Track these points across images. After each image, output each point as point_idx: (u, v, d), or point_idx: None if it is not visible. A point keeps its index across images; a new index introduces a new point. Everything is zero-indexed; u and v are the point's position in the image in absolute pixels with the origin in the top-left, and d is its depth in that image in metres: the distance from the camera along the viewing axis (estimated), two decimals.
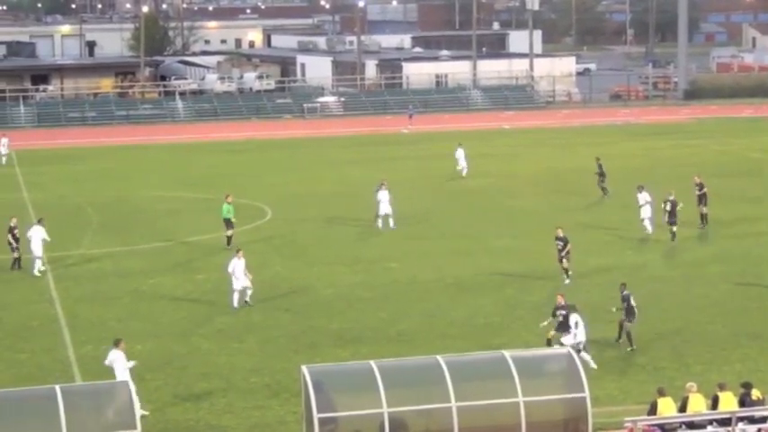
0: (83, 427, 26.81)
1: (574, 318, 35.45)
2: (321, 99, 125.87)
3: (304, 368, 28.48)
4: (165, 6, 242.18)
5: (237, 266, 43.64)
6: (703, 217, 56.78)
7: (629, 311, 38.02)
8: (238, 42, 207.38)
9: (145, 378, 34.90)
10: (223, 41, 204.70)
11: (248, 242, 55.31)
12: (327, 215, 62.65)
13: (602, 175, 66.08)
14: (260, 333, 41.03)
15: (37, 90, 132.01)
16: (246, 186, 71.23)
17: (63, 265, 52.10)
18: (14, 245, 51.11)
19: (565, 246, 46.54)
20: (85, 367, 37.00)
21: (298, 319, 42.72)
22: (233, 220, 54.92)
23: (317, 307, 44.26)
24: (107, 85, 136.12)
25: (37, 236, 50.77)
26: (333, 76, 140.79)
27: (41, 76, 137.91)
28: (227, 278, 44.31)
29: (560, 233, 46.74)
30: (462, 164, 75.29)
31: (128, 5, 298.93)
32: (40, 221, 52.44)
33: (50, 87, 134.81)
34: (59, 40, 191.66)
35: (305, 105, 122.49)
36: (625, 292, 38.33)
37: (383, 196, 57.15)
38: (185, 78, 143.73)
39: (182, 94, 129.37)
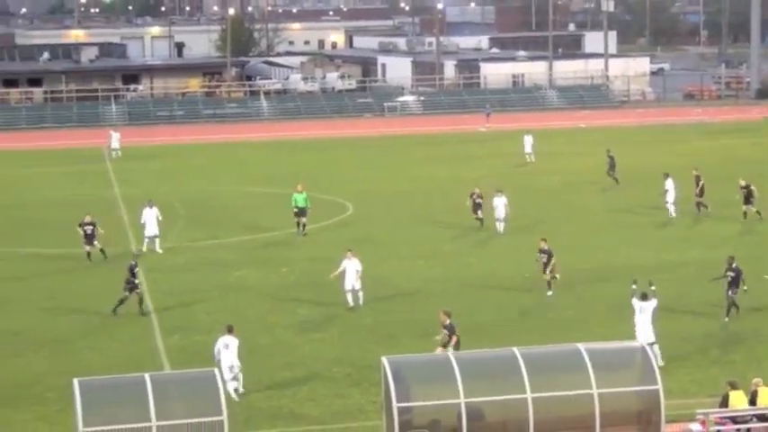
0: (171, 412, 26.98)
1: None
2: (401, 98, 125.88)
3: (384, 359, 28.49)
4: (250, 9, 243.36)
5: (348, 266, 43.06)
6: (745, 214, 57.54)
7: (735, 282, 39.46)
8: (321, 43, 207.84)
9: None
10: (306, 43, 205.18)
11: (330, 236, 55.57)
12: (407, 211, 62.69)
13: (612, 167, 68.34)
14: (341, 324, 41.14)
15: (128, 89, 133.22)
16: (328, 183, 71.45)
17: (152, 258, 52.50)
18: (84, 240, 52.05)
19: (550, 258, 44.49)
20: (173, 356, 37.30)
21: (377, 311, 42.79)
22: (308, 207, 56.19)
23: (396, 299, 44.29)
24: (195, 84, 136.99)
25: (151, 217, 52.84)
26: (412, 76, 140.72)
27: (132, 76, 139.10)
28: (309, 270, 44.32)
29: (544, 246, 44.70)
30: (529, 150, 77.23)
31: (215, 8, 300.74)
32: (150, 203, 54.03)
33: (141, 87, 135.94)
34: (149, 42, 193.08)
35: (385, 104, 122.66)
36: (734, 265, 39.54)
37: (499, 202, 56.15)
38: (270, 78, 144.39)
39: (266, 93, 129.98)
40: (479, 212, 57.14)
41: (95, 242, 52.20)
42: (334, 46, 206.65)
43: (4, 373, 36.53)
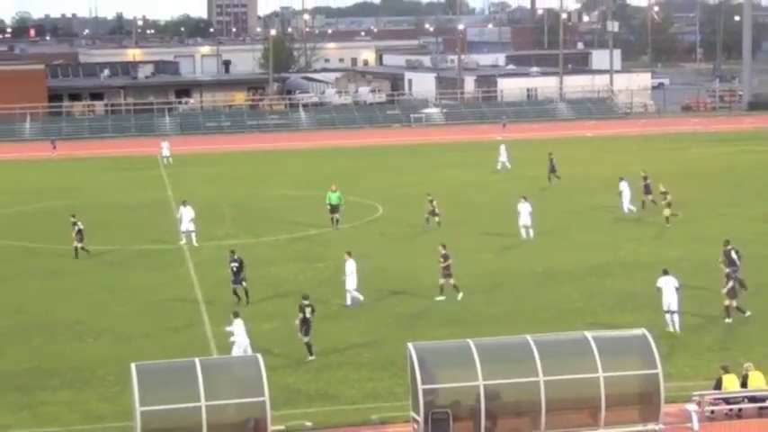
0: (218, 394, 27.03)
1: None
2: (426, 110, 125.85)
3: (410, 345, 28.52)
4: (290, 30, 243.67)
5: (352, 267, 42.78)
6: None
7: (732, 263, 40.17)
8: (354, 61, 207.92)
9: (272, 352, 35.13)
10: (341, 60, 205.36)
11: (362, 235, 55.61)
12: (453, 213, 62.61)
13: (553, 170, 71.24)
14: (372, 314, 41.12)
15: (180, 103, 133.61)
16: (360, 186, 71.45)
17: (201, 254, 52.62)
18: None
19: (446, 261, 43.32)
20: (221, 343, 37.32)
21: (404, 303, 42.76)
22: (341, 205, 57.65)
23: (421, 292, 44.23)
24: (240, 98, 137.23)
25: (187, 215, 54.10)
26: (436, 90, 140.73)
27: (184, 91, 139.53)
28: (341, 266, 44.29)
29: (442, 250, 43.53)
30: (503, 159, 79.84)
31: (258, 29, 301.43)
32: (185, 203, 54.92)
33: (191, 100, 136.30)
34: (199, 60, 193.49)
35: (412, 116, 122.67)
36: (728, 248, 40.92)
37: (523, 208, 55.78)
38: (308, 92, 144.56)
39: (305, 106, 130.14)
40: (431, 215, 57.82)
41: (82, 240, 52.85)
42: (365, 63, 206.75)
43: (69, 357, 36.67)
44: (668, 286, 37.84)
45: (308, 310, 35.90)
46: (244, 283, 43.12)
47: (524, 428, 28.05)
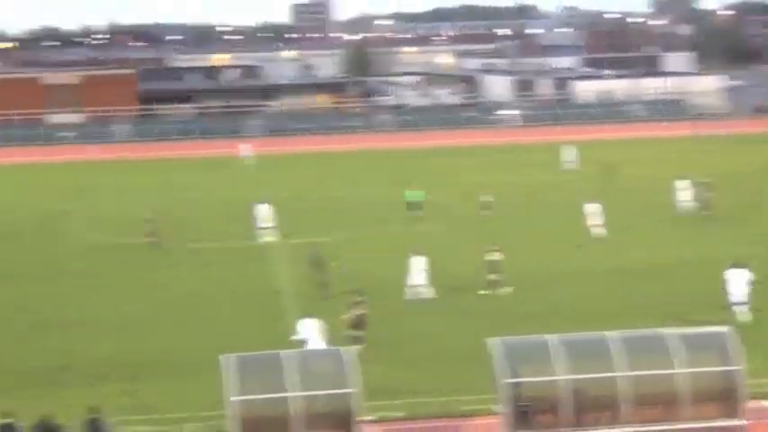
0: (308, 385, 27.13)
1: None
2: (502, 112, 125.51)
3: (494, 340, 28.47)
4: (370, 35, 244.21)
5: (419, 263, 43.10)
6: None
7: None
8: (432, 64, 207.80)
9: (373, 344, 35.18)
10: (419, 64, 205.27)
11: (439, 233, 55.55)
12: (511, 210, 62.46)
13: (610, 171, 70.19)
14: (461, 308, 41.11)
15: (265, 105, 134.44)
16: (438, 185, 71.30)
17: (285, 250, 52.92)
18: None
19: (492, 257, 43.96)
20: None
21: (492, 298, 42.66)
22: (420, 202, 58.48)
23: (516, 288, 44.09)
24: (323, 101, 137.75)
25: (264, 213, 55.29)
26: (512, 93, 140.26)
27: (269, 94, 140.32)
28: (432, 259, 44.25)
29: (492, 247, 44.35)
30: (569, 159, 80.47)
31: (339, 35, 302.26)
32: (262, 201, 56.38)
33: (276, 103, 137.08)
34: (283, 64, 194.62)
35: (488, 117, 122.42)
36: None
37: (592, 209, 55.52)
38: (388, 95, 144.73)
39: (385, 108, 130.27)
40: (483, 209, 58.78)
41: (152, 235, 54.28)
42: (443, 66, 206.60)
43: (166, 347, 37.10)
44: (737, 278, 37.26)
45: (362, 305, 36.21)
46: (323, 277, 43.48)
47: (606, 422, 27.87)
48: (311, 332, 34.20)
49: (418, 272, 42.92)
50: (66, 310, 42.95)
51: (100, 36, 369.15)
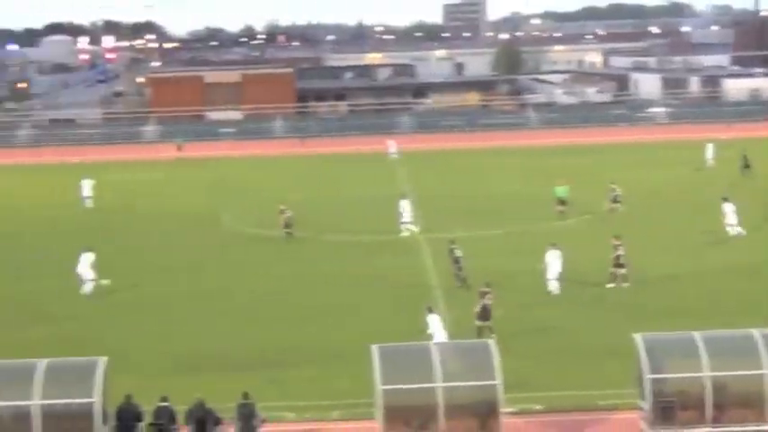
0: (452, 376, 27.06)
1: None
2: (650, 110, 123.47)
3: (637, 335, 28.00)
4: (519, 34, 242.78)
5: (553, 258, 42.87)
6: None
7: None
8: (581, 63, 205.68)
9: (503, 337, 34.83)
10: (568, 62, 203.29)
11: (588, 229, 54.90)
12: (660, 208, 61.41)
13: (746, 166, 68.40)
14: (602, 305, 40.62)
15: (416, 103, 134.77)
16: (586, 183, 70.42)
17: (435, 244, 52.92)
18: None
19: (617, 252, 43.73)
20: (455, 328, 37.45)
21: (635, 294, 42.00)
22: (566, 198, 58.34)
23: (649, 284, 43.44)
24: (473, 98, 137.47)
25: (406, 208, 55.14)
26: (661, 91, 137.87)
27: (420, 92, 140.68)
28: (570, 257, 43.84)
29: (615, 242, 44.18)
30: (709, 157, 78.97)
31: (490, 34, 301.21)
32: (404, 196, 56.34)
33: (427, 101, 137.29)
34: (434, 62, 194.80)
35: (637, 115, 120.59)
36: None
37: (727, 208, 54.37)
38: (536, 93, 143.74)
39: (533, 106, 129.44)
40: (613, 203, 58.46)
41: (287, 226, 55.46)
42: (592, 65, 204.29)
43: (315, 337, 37.43)
44: None
45: (488, 296, 36.26)
46: (462, 272, 43.76)
47: (751, 419, 27.16)
48: (437, 326, 34.18)
49: (552, 265, 42.74)
50: (215, 302, 43.62)
51: (260, 36, 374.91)
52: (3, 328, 40.19)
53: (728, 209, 53.18)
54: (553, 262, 42.74)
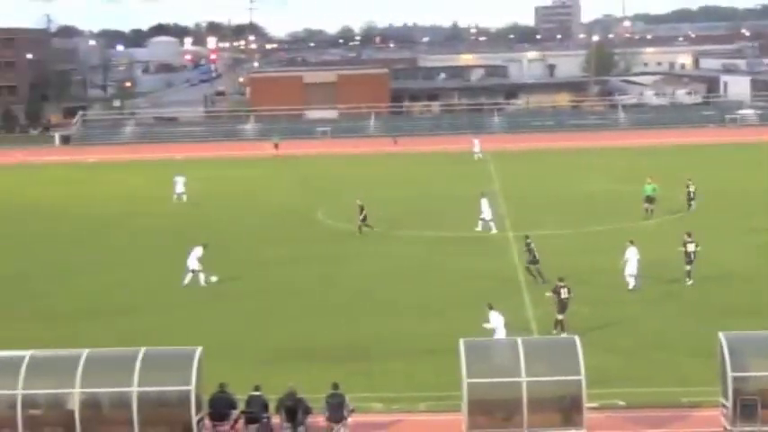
0: (536, 371, 26.92)
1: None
2: (740, 111, 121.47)
3: (721, 334, 27.61)
4: (611, 36, 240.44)
5: (632, 254, 42.54)
6: None
7: None
8: (671, 64, 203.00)
9: (587, 334, 34.55)
10: (659, 64, 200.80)
11: (675, 229, 54.20)
12: (747, 208, 60.55)
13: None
14: (685, 303, 40.10)
15: (508, 104, 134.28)
16: (674, 182, 69.47)
17: (501, 239, 52.70)
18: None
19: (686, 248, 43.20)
20: (540, 324, 37.31)
21: (719, 293, 41.43)
22: (654, 196, 58.24)
23: (729, 281, 42.95)
24: (563, 99, 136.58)
25: (485, 206, 55.26)
26: (751, 92, 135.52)
27: (512, 93, 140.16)
28: (654, 255, 43.30)
29: (687, 238, 43.67)
30: None
31: (582, 35, 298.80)
32: (483, 194, 56.28)
33: (519, 101, 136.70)
34: (526, 64, 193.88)
35: (726, 116, 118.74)
36: None
37: None
38: (627, 94, 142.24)
39: (624, 106, 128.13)
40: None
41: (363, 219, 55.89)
42: (682, 67, 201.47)
43: (402, 331, 37.48)
44: None
45: (563, 290, 36.37)
46: (538, 265, 43.96)
47: None
48: (498, 322, 34.03)
49: (631, 262, 42.50)
50: (307, 296, 43.91)
51: (357, 38, 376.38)
52: (105, 315, 40.93)
53: None
54: (632, 258, 42.49)
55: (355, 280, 46.19)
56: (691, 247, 43.46)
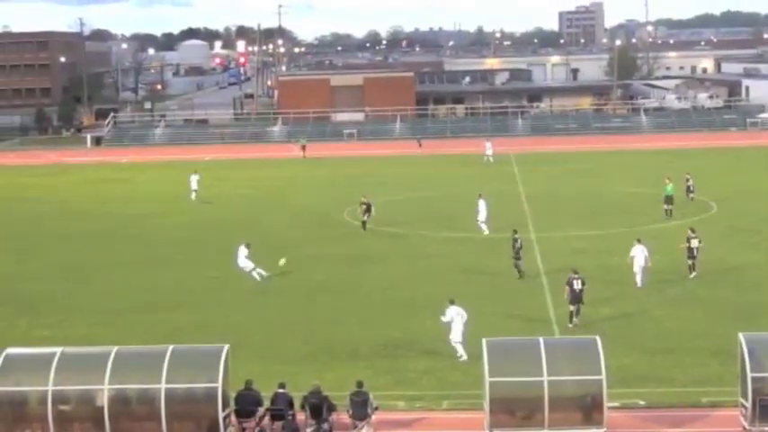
0: (558, 370, 26.81)
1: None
2: (762, 115, 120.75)
3: (741, 335, 27.44)
4: (634, 40, 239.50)
5: (638, 252, 42.73)
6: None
7: None
8: (693, 69, 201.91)
9: (609, 335, 34.28)
10: (681, 68, 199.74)
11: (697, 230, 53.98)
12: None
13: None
14: (705, 304, 39.87)
15: (532, 107, 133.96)
16: (698, 186, 69.16)
17: (547, 243, 52.51)
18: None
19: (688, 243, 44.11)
20: (562, 325, 37.17)
21: (738, 294, 41.17)
22: (674, 196, 58.65)
23: (755, 284, 42.50)
24: (586, 103, 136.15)
25: (482, 207, 55.48)
26: None
27: (536, 96, 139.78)
28: (675, 257, 43.06)
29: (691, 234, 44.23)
30: None
31: (605, 40, 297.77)
32: (480, 196, 56.52)
33: (542, 105, 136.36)
34: (550, 68, 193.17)
35: (748, 120, 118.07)
36: None
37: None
38: (649, 98, 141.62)
39: (646, 110, 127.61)
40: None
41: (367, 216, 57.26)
42: (704, 71, 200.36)
43: (428, 330, 37.30)
44: None
45: (575, 282, 36.85)
46: (521, 262, 44.77)
47: None
48: (456, 316, 34.09)
49: (637, 259, 42.75)
50: (333, 294, 43.89)
51: (384, 41, 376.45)
52: (132, 313, 41.06)
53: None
54: (638, 255, 42.76)
55: (380, 279, 46.16)
56: (694, 243, 44.08)
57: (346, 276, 46.94)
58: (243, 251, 46.33)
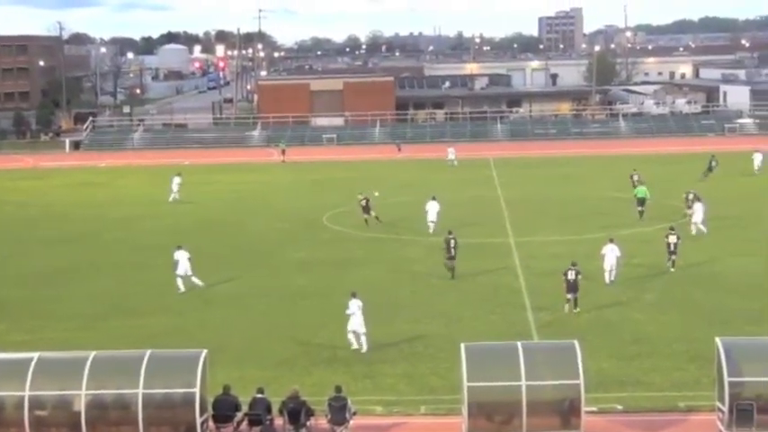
0: (537, 375, 26.81)
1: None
2: (739, 120, 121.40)
3: (718, 339, 27.51)
4: (613, 45, 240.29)
5: (608, 251, 43.73)
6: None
7: None
8: (671, 74, 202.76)
9: (586, 339, 34.46)
10: (659, 74, 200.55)
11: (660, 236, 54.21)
12: (740, 214, 60.52)
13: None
14: (683, 308, 39.98)
15: (511, 112, 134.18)
16: (672, 190, 69.43)
17: (526, 247, 52.57)
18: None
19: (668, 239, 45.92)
20: (541, 328, 37.21)
21: (716, 298, 41.30)
22: (647, 198, 59.85)
23: (733, 289, 42.68)
24: (565, 108, 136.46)
25: (434, 210, 56.75)
26: (750, 102, 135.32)
27: (515, 101, 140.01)
28: (654, 261, 43.19)
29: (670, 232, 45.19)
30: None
31: (584, 45, 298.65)
32: (433, 198, 57.67)
33: (521, 110, 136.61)
34: (529, 73, 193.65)
35: (725, 125, 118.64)
36: None
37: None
38: (628, 103, 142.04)
39: (624, 115, 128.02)
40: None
41: (371, 212, 59.11)
42: (682, 76, 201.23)
43: (407, 335, 37.35)
44: None
45: (570, 273, 39.06)
46: (453, 262, 45.44)
47: None
48: (356, 309, 35.16)
49: (608, 257, 43.63)
50: (312, 298, 43.83)
51: (363, 46, 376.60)
52: (111, 318, 40.89)
53: None
54: (609, 255, 43.65)
55: (357, 284, 45.93)
56: (672, 239, 45.58)
57: (324, 280, 46.85)
58: (183, 254, 45.37)
